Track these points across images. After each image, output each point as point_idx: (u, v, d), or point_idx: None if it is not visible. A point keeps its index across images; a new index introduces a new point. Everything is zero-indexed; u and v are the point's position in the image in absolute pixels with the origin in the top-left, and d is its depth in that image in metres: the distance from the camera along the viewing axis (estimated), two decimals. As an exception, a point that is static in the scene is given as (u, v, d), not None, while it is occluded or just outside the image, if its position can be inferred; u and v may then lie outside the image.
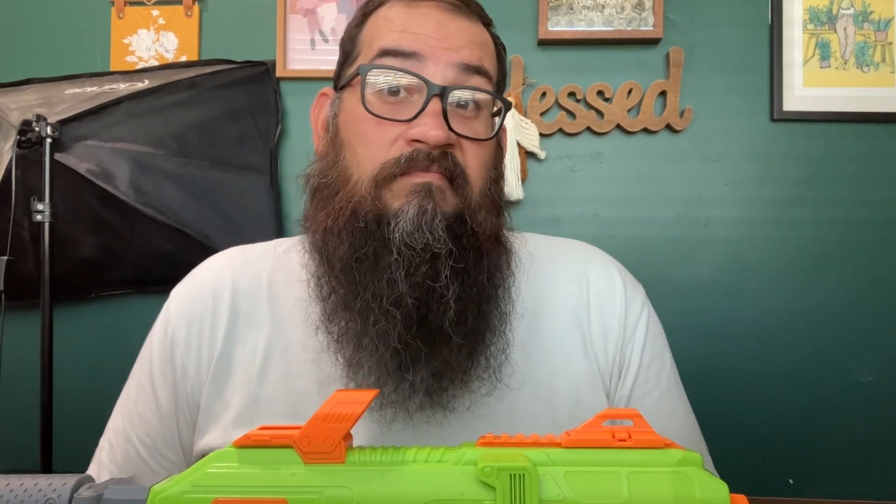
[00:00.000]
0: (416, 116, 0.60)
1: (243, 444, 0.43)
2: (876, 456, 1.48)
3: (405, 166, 0.59)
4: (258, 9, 1.59)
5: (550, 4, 1.52)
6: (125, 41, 1.60)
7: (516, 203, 1.53)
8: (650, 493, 0.40)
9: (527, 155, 1.54)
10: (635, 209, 1.54)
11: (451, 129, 0.60)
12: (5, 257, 1.29)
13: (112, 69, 1.59)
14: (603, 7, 1.52)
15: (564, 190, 1.55)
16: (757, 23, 1.53)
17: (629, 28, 1.51)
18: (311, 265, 0.65)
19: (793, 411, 1.49)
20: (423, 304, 0.57)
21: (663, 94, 1.52)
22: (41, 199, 1.31)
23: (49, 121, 1.33)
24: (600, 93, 1.53)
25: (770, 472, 1.49)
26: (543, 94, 1.53)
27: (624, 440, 0.42)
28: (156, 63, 1.59)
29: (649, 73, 1.53)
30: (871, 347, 1.49)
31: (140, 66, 1.59)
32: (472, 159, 0.62)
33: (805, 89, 1.50)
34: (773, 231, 1.52)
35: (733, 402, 1.50)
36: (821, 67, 1.51)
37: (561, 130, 1.54)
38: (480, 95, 0.62)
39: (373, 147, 0.61)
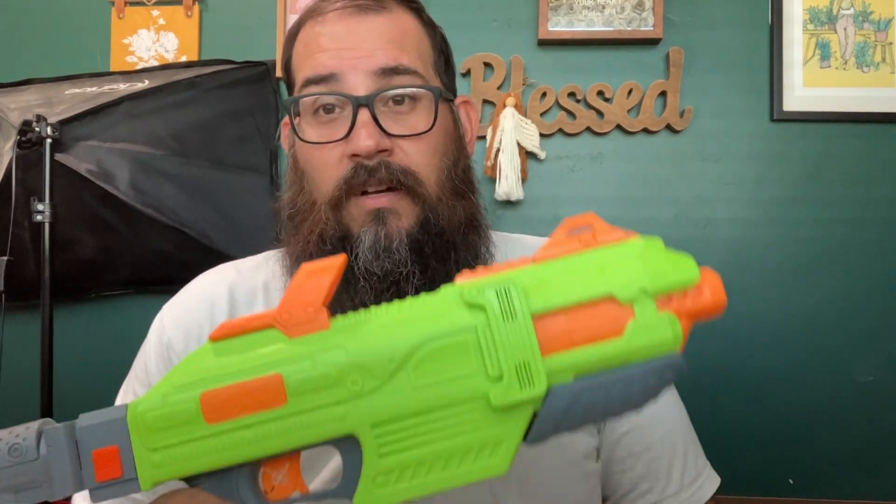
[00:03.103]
0: (349, 132, 0.60)
1: (220, 336, 0.41)
2: (876, 456, 1.48)
3: (346, 186, 0.60)
4: (258, 9, 1.59)
5: (550, 4, 1.52)
6: (125, 41, 1.60)
7: (516, 203, 1.53)
8: (627, 277, 0.41)
9: (527, 155, 1.54)
10: (635, 209, 1.54)
11: (386, 132, 0.60)
12: (5, 257, 1.30)
13: (112, 69, 1.59)
14: (603, 7, 1.52)
15: (564, 190, 1.55)
16: (757, 23, 1.53)
17: (629, 28, 1.51)
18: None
19: (793, 411, 1.49)
20: None
21: (663, 94, 1.52)
22: (41, 200, 1.31)
23: (49, 121, 1.33)
24: (600, 93, 1.53)
25: (770, 473, 1.49)
26: (543, 95, 1.53)
27: (590, 243, 0.43)
28: (156, 63, 1.59)
29: (649, 73, 1.53)
30: (871, 347, 1.49)
31: (140, 66, 1.59)
32: (418, 154, 0.62)
33: (805, 89, 1.50)
34: (773, 231, 1.52)
35: (733, 402, 1.50)
36: (821, 67, 1.51)
37: (561, 131, 1.54)
38: (408, 92, 0.62)
39: (322, 171, 0.62)
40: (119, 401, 0.71)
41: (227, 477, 0.42)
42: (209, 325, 0.68)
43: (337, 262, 0.42)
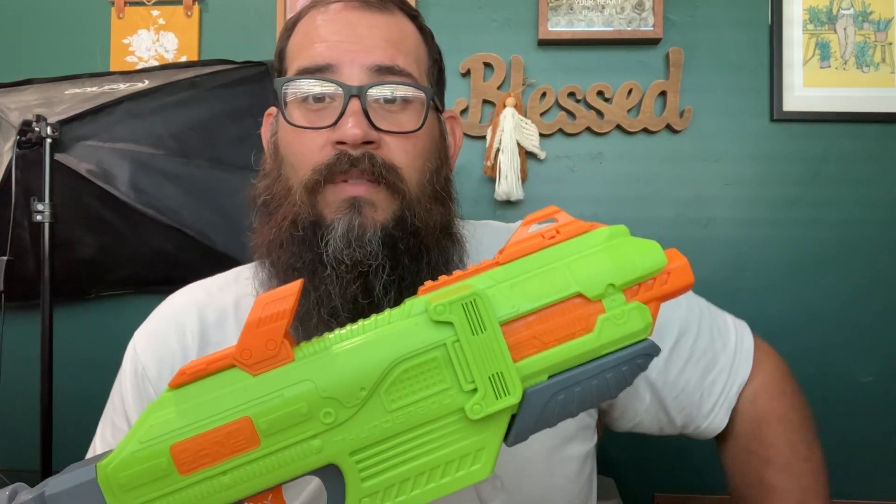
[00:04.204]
0: (338, 119, 0.60)
1: (180, 383, 0.40)
2: (876, 456, 1.48)
3: (327, 172, 0.60)
4: (258, 9, 1.59)
5: (550, 4, 1.52)
6: (125, 41, 1.60)
7: (516, 203, 1.53)
8: (594, 273, 0.41)
9: (527, 155, 1.54)
10: (635, 209, 1.54)
11: (375, 126, 0.60)
12: (5, 257, 1.29)
13: (112, 69, 1.59)
14: (603, 7, 1.52)
15: (564, 190, 1.55)
16: (757, 23, 1.53)
17: (629, 28, 1.51)
18: (263, 279, 0.66)
19: (793, 411, 1.49)
20: (358, 318, 0.59)
21: (663, 94, 1.52)
22: (41, 199, 1.31)
23: (49, 121, 1.33)
24: (600, 93, 1.53)
25: (770, 473, 1.49)
26: (543, 95, 1.53)
27: (553, 237, 0.43)
28: (156, 63, 1.59)
29: (649, 73, 1.53)
30: (871, 347, 1.49)
31: (140, 66, 1.59)
32: (401, 153, 0.62)
33: (805, 89, 1.50)
34: (773, 231, 1.52)
35: (733, 403, 1.50)
36: (821, 68, 1.51)
37: (561, 131, 1.54)
38: (401, 90, 0.62)
39: (303, 156, 0.62)
40: (98, 434, 0.71)
41: None
42: (181, 354, 0.67)
43: (293, 288, 0.41)
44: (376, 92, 0.61)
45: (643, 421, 0.73)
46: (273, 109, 0.70)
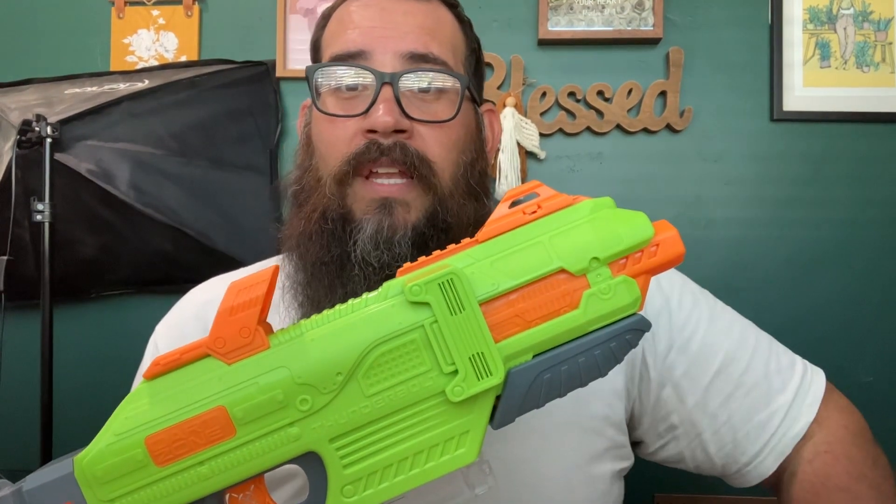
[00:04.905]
0: (369, 108, 0.58)
1: (155, 374, 0.40)
2: (876, 456, 1.48)
3: (356, 162, 0.58)
4: (258, 9, 1.59)
5: (550, 4, 1.52)
6: (125, 41, 1.60)
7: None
8: (576, 247, 0.40)
9: (527, 155, 1.54)
10: (635, 209, 1.53)
11: (407, 115, 0.58)
12: (5, 257, 1.29)
13: (112, 69, 1.59)
14: (603, 7, 1.52)
15: (564, 190, 1.53)
16: (757, 23, 1.53)
17: (629, 28, 1.51)
18: (290, 272, 0.64)
19: (793, 411, 1.49)
20: None
21: (663, 94, 1.52)
22: (41, 199, 1.31)
23: (49, 121, 1.33)
24: (600, 93, 1.52)
25: (770, 472, 1.49)
26: (543, 94, 1.53)
27: (535, 212, 0.41)
28: (156, 63, 1.59)
29: (649, 73, 1.53)
30: (871, 347, 1.49)
31: (140, 66, 1.59)
32: (435, 144, 0.60)
33: (805, 89, 1.50)
34: (773, 231, 1.52)
35: (733, 402, 1.50)
36: (821, 67, 1.51)
37: (561, 130, 1.54)
38: (435, 78, 0.60)
39: (333, 146, 0.60)
40: None
41: None
42: None
43: (266, 275, 0.40)
44: (410, 82, 0.59)
45: (677, 454, 0.67)
46: (308, 101, 0.68)
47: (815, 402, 0.65)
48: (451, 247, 0.41)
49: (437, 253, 0.42)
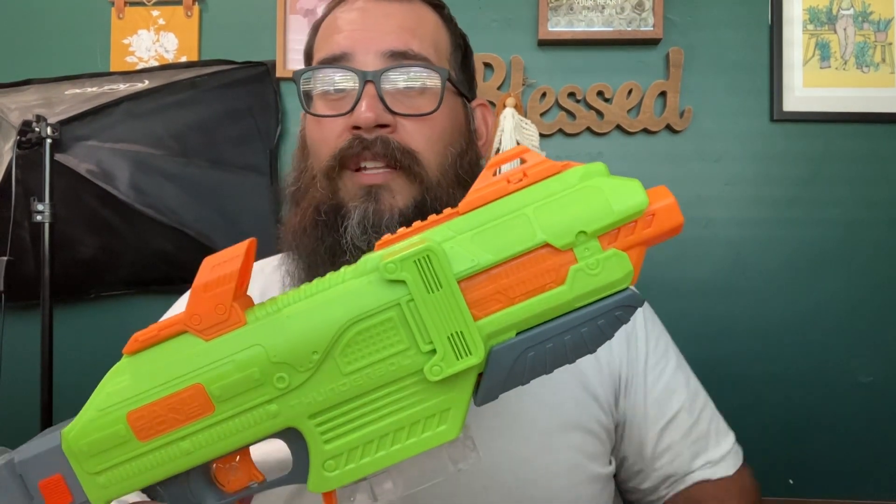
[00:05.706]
0: (354, 106, 0.61)
1: (134, 350, 0.40)
2: (876, 456, 1.48)
3: (341, 156, 0.61)
4: (258, 9, 1.59)
5: (550, 5, 1.52)
6: (125, 41, 1.60)
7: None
8: (562, 220, 0.38)
9: (527, 155, 1.54)
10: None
11: (390, 110, 0.61)
12: (5, 257, 1.29)
13: (112, 69, 1.59)
14: (603, 7, 1.52)
15: (564, 190, 1.55)
16: (757, 23, 1.53)
17: (629, 28, 1.51)
18: (290, 268, 0.67)
19: (793, 411, 1.49)
20: None
21: (663, 94, 1.52)
22: (41, 200, 1.31)
23: (49, 121, 1.33)
24: (600, 93, 1.52)
25: (770, 473, 1.48)
26: (543, 95, 1.53)
27: (520, 180, 0.39)
28: (156, 63, 1.59)
29: (649, 73, 1.53)
30: (871, 348, 1.49)
31: (140, 66, 1.59)
32: (419, 137, 0.62)
33: (805, 90, 1.50)
34: (773, 231, 1.52)
35: (733, 403, 1.49)
36: (821, 68, 1.51)
37: (561, 131, 1.54)
38: (416, 73, 0.62)
39: (322, 144, 0.63)
40: None
41: (181, 482, 0.41)
42: None
43: (240, 249, 0.40)
44: (393, 78, 0.61)
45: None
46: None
47: (735, 459, 0.76)
48: (433, 217, 0.40)
49: (417, 224, 0.40)
